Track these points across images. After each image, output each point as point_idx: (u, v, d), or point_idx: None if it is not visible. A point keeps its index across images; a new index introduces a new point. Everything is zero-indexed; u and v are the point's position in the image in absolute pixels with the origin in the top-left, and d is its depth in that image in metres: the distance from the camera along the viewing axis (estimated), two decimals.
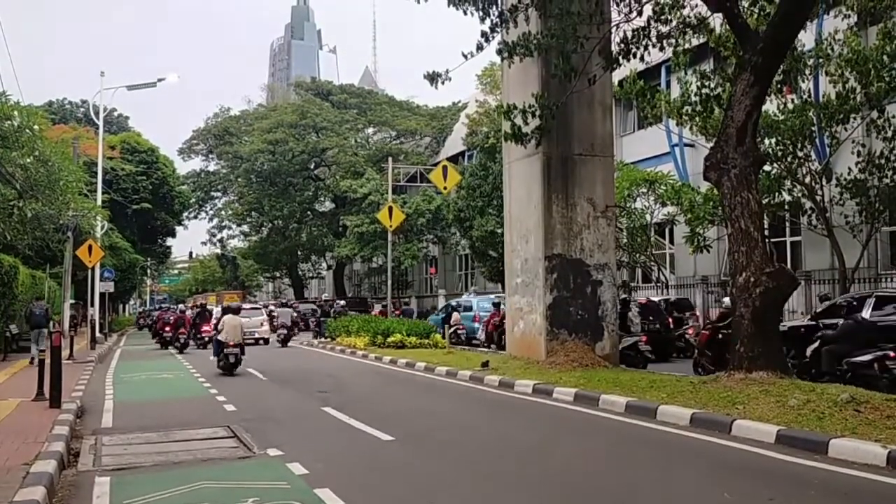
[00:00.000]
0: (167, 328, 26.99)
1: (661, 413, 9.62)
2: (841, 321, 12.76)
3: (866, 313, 12.34)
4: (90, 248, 25.67)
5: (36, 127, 18.79)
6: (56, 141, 23.76)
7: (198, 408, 11.89)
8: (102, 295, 32.36)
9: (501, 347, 20.64)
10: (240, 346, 17.49)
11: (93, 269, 29.47)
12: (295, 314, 31.73)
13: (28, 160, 18.69)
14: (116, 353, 26.21)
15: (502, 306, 22.44)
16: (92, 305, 30.28)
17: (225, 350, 17.33)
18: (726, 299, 16.49)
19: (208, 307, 30.93)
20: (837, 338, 12.50)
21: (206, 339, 24.07)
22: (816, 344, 12.75)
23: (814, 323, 13.67)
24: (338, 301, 39.56)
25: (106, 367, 19.64)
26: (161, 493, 6.44)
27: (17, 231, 20.26)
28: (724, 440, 8.23)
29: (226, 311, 21.21)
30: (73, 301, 27.97)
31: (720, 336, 13.88)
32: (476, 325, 25.43)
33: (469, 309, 26.71)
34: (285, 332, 27.90)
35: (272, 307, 38.62)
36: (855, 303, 13.07)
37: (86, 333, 28.06)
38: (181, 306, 42.72)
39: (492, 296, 27.22)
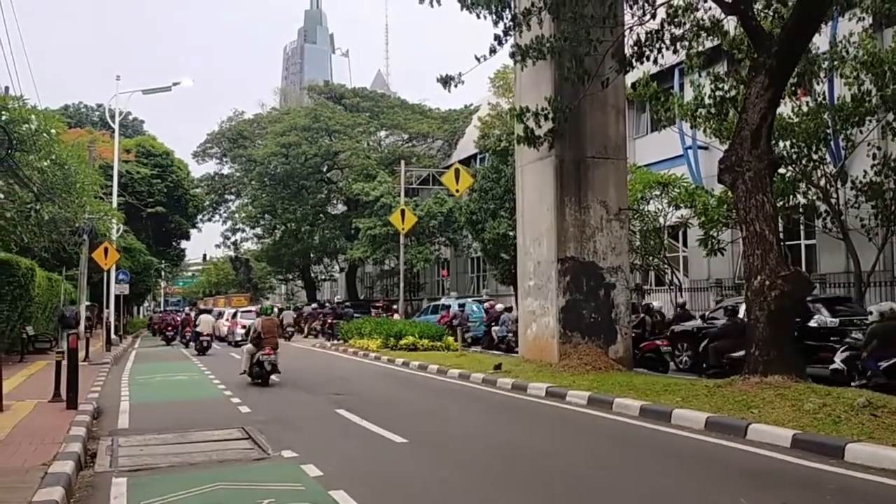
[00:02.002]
0: (169, 328, 33.73)
1: (676, 417, 9.59)
2: (721, 322, 15.08)
3: (741, 315, 14.24)
4: (106, 250, 25.86)
5: (52, 131, 18.94)
6: (72, 144, 23.92)
7: (213, 409, 11.96)
8: (117, 297, 32.57)
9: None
10: (210, 336, 25.21)
11: (108, 271, 29.68)
12: (295, 315, 36.68)
13: (45, 164, 18.85)
14: (131, 354, 26.40)
15: (452, 307, 27.52)
16: (107, 307, 30.48)
17: (200, 338, 24.81)
18: (655, 303, 19.46)
19: (216, 310, 37.52)
20: (719, 336, 14.72)
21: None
22: (705, 342, 15.10)
23: (706, 324, 16.15)
24: (312, 305, 40.72)
25: (121, 369, 19.78)
26: (177, 494, 6.50)
27: (34, 234, 20.44)
28: (740, 444, 8.20)
29: (200, 312, 31.09)
30: (88, 303, 28.20)
31: (646, 332, 16.83)
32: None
33: (447, 309, 29.88)
34: (291, 330, 33.18)
35: (276, 308, 40.20)
36: (736, 306, 15.17)
37: (101, 335, 28.24)
38: (186, 309, 47.08)
39: (469, 298, 30.91)
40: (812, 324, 14.05)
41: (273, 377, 15.31)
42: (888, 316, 11.42)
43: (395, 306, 34.18)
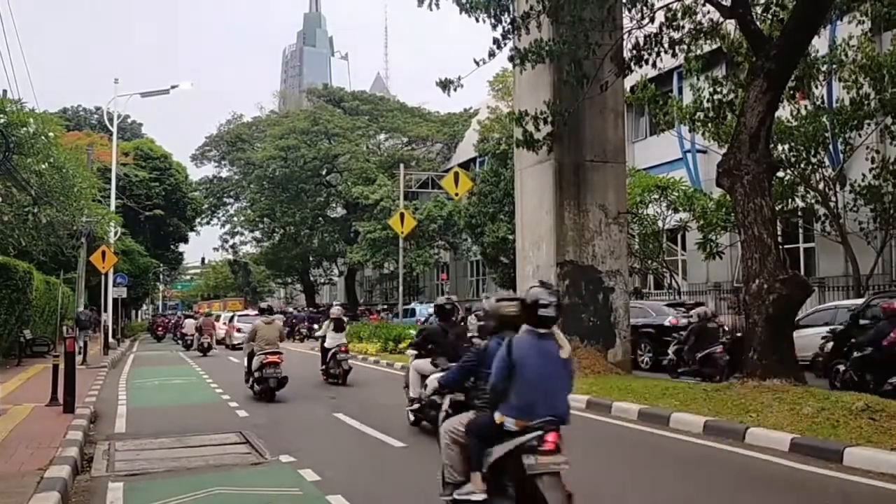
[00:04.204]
0: (160, 329, 42.84)
1: (674, 420, 9.57)
2: None
3: None
4: (104, 253, 25.84)
5: (51, 134, 18.95)
6: (70, 147, 23.96)
7: (210, 414, 11.92)
8: (115, 300, 32.54)
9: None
10: (192, 335, 28.97)
11: (106, 274, 29.64)
12: (284, 319, 38.48)
13: (43, 167, 18.85)
14: (129, 358, 26.34)
15: (418, 311, 30.84)
16: (105, 311, 30.44)
17: (185, 337, 30.03)
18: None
19: (211, 312, 42.98)
20: None
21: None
22: None
23: None
24: (289, 309, 41.23)
25: (119, 373, 19.72)
26: (174, 498, 6.47)
27: (31, 237, 20.43)
28: (738, 448, 8.18)
29: (186, 317, 35.95)
30: (83, 307, 28.17)
31: None
32: None
33: (413, 314, 32.18)
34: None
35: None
36: None
37: (99, 339, 28.21)
38: (179, 313, 49.64)
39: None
40: (665, 323, 17.12)
41: (209, 353, 25.89)
42: (703, 317, 14.85)
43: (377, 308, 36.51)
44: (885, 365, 11.09)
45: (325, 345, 16.27)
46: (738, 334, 14.72)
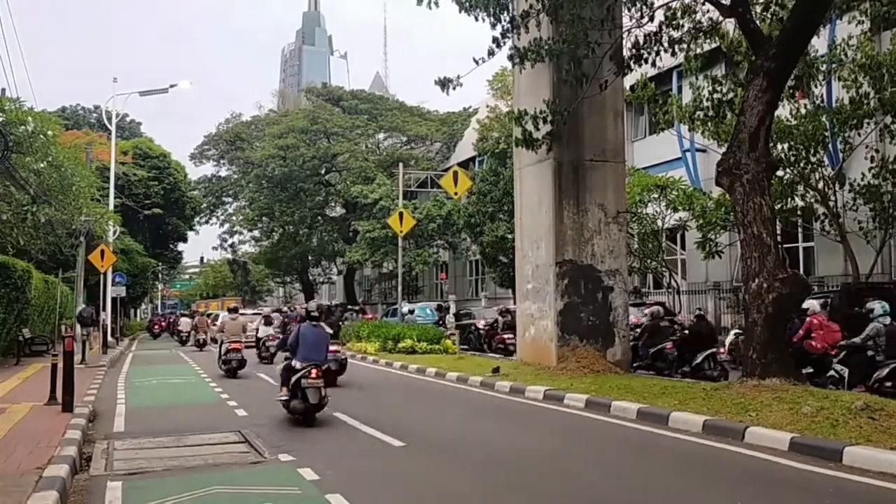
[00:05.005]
0: (155, 327, 45.18)
1: (674, 420, 9.56)
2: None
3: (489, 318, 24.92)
4: (102, 252, 25.81)
5: (49, 132, 18.94)
6: (69, 146, 23.92)
7: (209, 413, 11.91)
8: (114, 299, 32.49)
9: None
10: (188, 333, 32.31)
11: (105, 273, 29.60)
12: (282, 318, 37.70)
13: (41, 165, 18.85)
14: (128, 357, 26.32)
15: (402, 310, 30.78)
16: (104, 310, 30.38)
17: (181, 333, 33.75)
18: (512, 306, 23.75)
19: (209, 312, 43.81)
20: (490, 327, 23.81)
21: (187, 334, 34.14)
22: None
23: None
24: (292, 310, 40.99)
25: (118, 372, 19.70)
26: (172, 497, 6.46)
27: (30, 236, 20.43)
28: (737, 447, 8.17)
29: (182, 315, 39.78)
30: (85, 305, 28.13)
31: (498, 329, 23.39)
32: None
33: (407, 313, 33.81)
34: (277, 331, 37.50)
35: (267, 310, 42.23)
36: (470, 311, 25.60)
37: (98, 338, 28.17)
38: (178, 313, 52.40)
39: (434, 304, 35.21)
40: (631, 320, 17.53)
41: (204, 348, 27.69)
42: (655, 316, 16.01)
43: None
44: (795, 359, 11.83)
45: (259, 335, 21.92)
46: (686, 331, 15.85)
